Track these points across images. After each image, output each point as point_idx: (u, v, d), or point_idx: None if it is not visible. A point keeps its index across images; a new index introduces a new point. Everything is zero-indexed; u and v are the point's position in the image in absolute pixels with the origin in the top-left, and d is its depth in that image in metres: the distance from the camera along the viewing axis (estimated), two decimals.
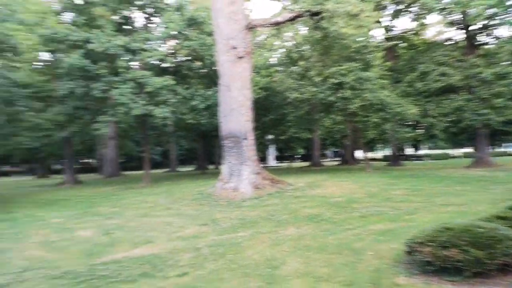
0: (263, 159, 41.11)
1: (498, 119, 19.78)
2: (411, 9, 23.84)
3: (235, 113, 12.41)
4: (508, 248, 4.06)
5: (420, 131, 26.01)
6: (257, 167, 12.49)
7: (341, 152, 45.56)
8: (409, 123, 23.93)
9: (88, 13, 18.89)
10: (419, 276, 4.26)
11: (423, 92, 20.83)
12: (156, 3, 19.78)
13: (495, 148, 44.16)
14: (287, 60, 24.52)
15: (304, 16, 14.11)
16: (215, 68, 16.11)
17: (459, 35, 22.40)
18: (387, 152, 45.35)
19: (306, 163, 38.73)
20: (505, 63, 20.39)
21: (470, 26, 20.82)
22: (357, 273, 4.53)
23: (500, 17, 19.11)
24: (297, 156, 55.32)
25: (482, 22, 19.86)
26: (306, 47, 22.17)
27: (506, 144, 49.10)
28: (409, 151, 52.50)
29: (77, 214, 10.48)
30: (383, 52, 21.86)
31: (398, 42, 26.10)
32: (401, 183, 13.32)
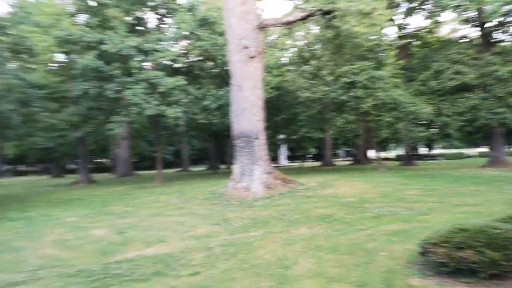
0: (274, 159, 41.11)
1: None
2: (425, 6, 23.48)
3: (246, 113, 12.42)
4: None
5: (434, 130, 25.65)
6: (268, 166, 12.48)
7: (353, 151, 45.23)
8: (422, 122, 23.62)
9: (102, 15, 19.14)
10: (433, 278, 4.21)
11: (437, 90, 20.52)
12: (168, 4, 19.95)
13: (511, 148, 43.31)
14: (298, 60, 24.44)
15: (316, 15, 14.01)
16: (226, 68, 16.15)
17: (474, 33, 22.00)
18: (400, 151, 44.87)
19: (318, 163, 38.56)
20: None
21: (486, 23, 20.41)
22: (370, 273, 4.48)
23: None
24: (309, 156, 55.10)
25: (498, 19, 19.45)
26: (317, 46, 22.06)
27: None
28: (422, 150, 51.91)
29: (91, 213, 10.62)
30: (396, 50, 21.60)
31: (412, 40, 25.78)
32: (415, 183, 13.15)
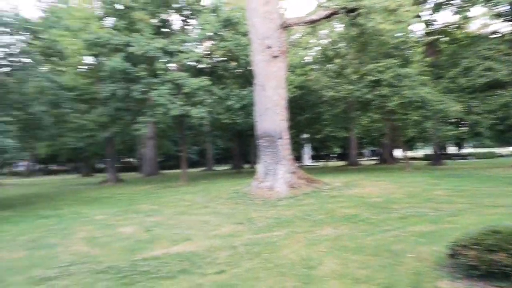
0: (298, 158, 40.95)
1: None
2: (453, 1, 22.74)
3: (270, 113, 12.43)
4: None
5: (464, 129, 24.92)
6: (292, 166, 12.44)
7: (379, 151, 44.43)
8: (451, 120, 22.99)
9: (128, 18, 19.60)
10: (463, 281, 4.08)
11: (466, 88, 19.87)
12: (193, 6, 20.21)
13: None
14: (322, 58, 24.19)
15: (340, 13, 13.85)
16: (250, 68, 16.21)
17: (505, 28, 21.12)
18: (428, 151, 43.76)
19: (343, 162, 38.13)
20: None
21: None
22: (397, 275, 4.39)
23: None
24: (333, 155, 54.52)
25: None
26: (342, 44, 21.77)
27: None
28: (452, 150, 50.42)
29: (119, 211, 10.90)
30: (423, 47, 21.04)
31: (439, 36, 25.02)
32: (444, 183, 12.78)
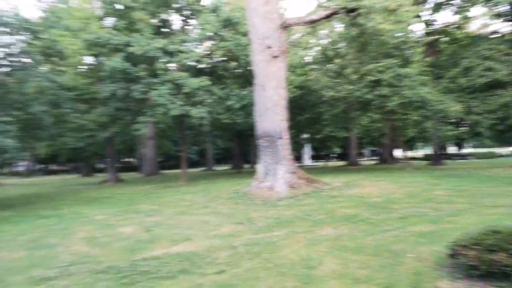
0: (298, 158, 40.94)
1: None
2: (453, 1, 22.73)
3: (270, 113, 12.43)
4: None
5: (464, 129, 24.93)
6: (292, 166, 12.44)
7: (379, 151, 44.43)
8: (451, 120, 22.98)
9: (128, 18, 19.60)
10: (463, 281, 4.09)
11: (466, 88, 19.88)
12: (193, 6, 20.21)
13: None
14: (322, 58, 24.20)
15: (340, 13, 13.85)
16: (250, 68, 16.21)
17: (506, 28, 21.12)
18: (428, 151, 43.77)
19: (343, 162, 38.13)
20: None
21: None
22: (397, 275, 4.40)
23: None
24: (333, 155, 54.54)
25: None
26: (342, 44, 21.78)
27: None
28: (452, 149, 50.44)
29: (119, 211, 10.90)
30: (423, 47, 21.05)
31: (439, 36, 25.01)
32: (444, 183, 12.78)
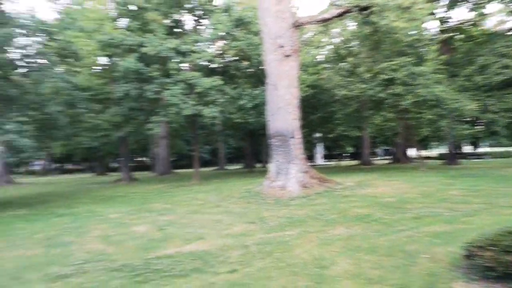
0: (310, 158, 40.79)
1: None
2: None
3: (282, 112, 12.41)
4: None
5: (480, 128, 24.46)
6: (304, 165, 12.40)
7: (392, 150, 43.94)
8: (467, 119, 22.59)
9: (142, 18, 19.80)
10: (479, 282, 4.02)
11: (482, 86, 19.53)
12: (205, 6, 20.30)
13: None
14: (335, 57, 24.05)
15: (353, 12, 13.73)
16: (262, 67, 16.21)
17: None
18: (442, 150, 43.11)
19: (355, 162, 37.84)
20: None
21: None
22: (411, 276, 4.35)
23: None
24: (346, 155, 54.19)
25: None
26: (354, 43, 21.62)
27: None
28: (467, 149, 49.59)
29: (133, 210, 11.02)
30: (438, 45, 20.74)
31: (454, 34, 24.63)
32: (459, 182, 12.58)
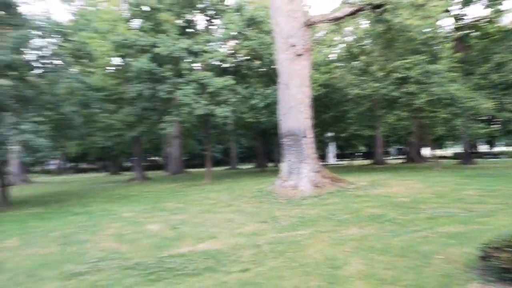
0: (322, 157, 40.60)
1: None
2: None
3: (294, 111, 12.38)
4: None
5: (496, 127, 24.04)
6: (316, 165, 12.35)
7: (405, 149, 43.41)
8: (483, 118, 22.22)
9: (154, 19, 19.98)
10: (495, 284, 3.94)
11: (499, 84, 19.18)
12: (217, 6, 20.36)
13: None
14: (347, 56, 23.88)
15: (365, 10, 13.61)
16: (274, 66, 16.20)
17: None
18: (458, 149, 42.43)
19: (368, 161, 37.51)
20: None
21: None
22: (425, 277, 4.30)
23: None
24: (358, 154, 53.77)
25: None
26: (367, 41, 21.44)
27: None
28: (483, 148, 48.70)
29: (146, 209, 11.14)
30: (453, 42, 20.42)
31: (470, 31, 24.21)
32: (474, 182, 12.36)
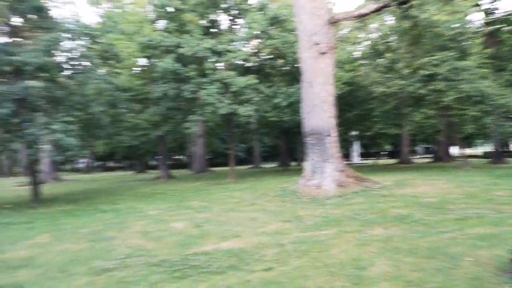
0: (346, 156, 40.11)
1: None
2: None
3: (317, 110, 12.29)
4: None
5: None
6: (340, 164, 12.22)
7: (433, 148, 42.34)
8: None
9: (179, 20, 20.26)
10: None
11: None
12: (240, 5, 20.43)
13: None
14: (372, 53, 23.49)
15: (391, 6, 13.36)
16: (297, 65, 16.12)
17: None
18: (488, 148, 41.04)
19: (394, 160, 36.77)
20: None
21: None
22: (453, 280, 4.18)
23: None
24: (384, 153, 52.81)
25: None
26: (393, 38, 21.02)
27: None
28: None
29: (171, 207, 11.32)
30: (483, 38, 19.74)
31: (501, 26, 23.33)
32: (505, 182, 11.91)
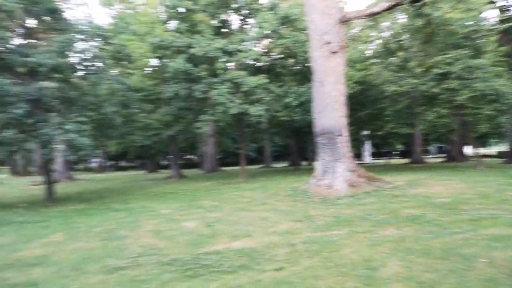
0: (358, 156, 39.82)
1: None
2: None
3: (328, 109, 12.23)
4: None
5: None
6: (352, 164, 12.15)
7: (446, 148, 41.77)
8: None
9: (190, 20, 20.35)
10: None
11: None
12: (251, 5, 20.43)
13: None
14: (384, 52, 23.26)
15: (404, 4, 13.22)
16: (308, 64, 16.07)
17: None
18: (503, 147, 40.32)
19: (406, 160, 36.39)
20: None
21: None
22: (467, 281, 4.13)
23: None
24: (396, 153, 52.29)
25: None
26: (405, 36, 20.80)
27: None
28: None
29: (182, 206, 11.39)
30: (498, 35, 19.38)
31: None
32: None
